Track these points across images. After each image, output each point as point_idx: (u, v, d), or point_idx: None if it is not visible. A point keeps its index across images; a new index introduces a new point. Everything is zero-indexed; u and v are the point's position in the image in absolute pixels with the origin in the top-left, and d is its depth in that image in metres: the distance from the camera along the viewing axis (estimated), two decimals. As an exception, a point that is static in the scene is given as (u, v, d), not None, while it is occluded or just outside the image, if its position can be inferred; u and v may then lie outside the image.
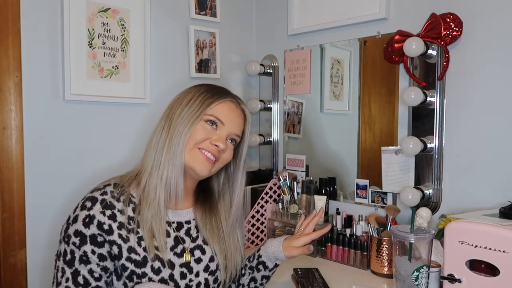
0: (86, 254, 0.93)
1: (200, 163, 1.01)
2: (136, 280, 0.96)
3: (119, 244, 0.95)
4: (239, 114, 1.09)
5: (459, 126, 1.47)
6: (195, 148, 1.01)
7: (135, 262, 0.96)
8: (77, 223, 0.94)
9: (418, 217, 1.42)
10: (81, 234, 0.94)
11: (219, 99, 1.06)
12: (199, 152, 1.01)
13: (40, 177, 1.44)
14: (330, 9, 1.82)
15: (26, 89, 1.40)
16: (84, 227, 0.94)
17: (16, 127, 1.38)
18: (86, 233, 0.93)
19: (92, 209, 0.95)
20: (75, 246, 0.94)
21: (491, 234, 1.01)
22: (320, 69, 1.89)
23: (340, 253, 1.57)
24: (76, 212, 0.96)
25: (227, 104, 1.06)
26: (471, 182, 1.44)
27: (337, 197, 1.82)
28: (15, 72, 1.37)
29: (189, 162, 1.01)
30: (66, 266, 0.94)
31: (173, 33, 1.81)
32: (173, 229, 1.05)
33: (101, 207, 0.96)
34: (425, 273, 1.12)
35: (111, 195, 0.98)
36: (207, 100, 1.04)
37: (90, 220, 0.94)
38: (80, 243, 0.93)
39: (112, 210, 0.96)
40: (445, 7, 1.47)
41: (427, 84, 1.50)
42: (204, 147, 1.02)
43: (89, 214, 0.94)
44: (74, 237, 0.94)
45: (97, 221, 0.94)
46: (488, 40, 1.40)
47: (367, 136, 1.74)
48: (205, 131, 1.03)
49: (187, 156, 1.01)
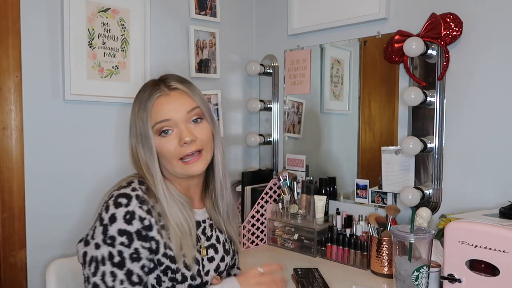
0: (137, 251, 0.91)
1: (188, 169, 1.00)
2: (170, 275, 0.96)
3: (157, 240, 0.94)
4: (176, 96, 1.00)
5: (459, 126, 1.47)
6: (178, 162, 0.99)
7: (170, 257, 0.96)
8: (117, 222, 0.90)
9: (418, 217, 1.42)
10: (126, 232, 0.90)
11: (148, 103, 0.99)
12: (182, 163, 0.99)
13: (40, 177, 1.44)
14: (330, 9, 1.82)
15: (26, 89, 1.40)
16: (127, 224, 0.90)
17: (16, 127, 1.38)
18: (131, 230, 0.90)
19: (130, 205, 0.91)
20: (124, 245, 0.90)
21: (491, 234, 1.01)
22: (320, 69, 1.89)
23: (340, 253, 1.57)
24: (110, 211, 0.91)
25: (158, 101, 0.99)
26: (471, 182, 1.44)
27: (337, 197, 1.82)
28: (15, 72, 1.37)
29: (181, 173, 1.01)
30: (116, 268, 0.90)
31: (173, 33, 1.81)
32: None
33: (138, 202, 0.93)
34: (425, 273, 1.12)
35: (141, 190, 0.95)
36: (142, 114, 0.98)
37: (131, 216, 0.91)
38: (128, 241, 0.90)
39: (147, 206, 0.94)
40: (445, 7, 1.47)
41: (427, 84, 1.50)
42: (182, 155, 0.98)
43: (128, 211, 0.91)
44: (120, 237, 0.90)
45: (138, 216, 0.91)
46: (488, 40, 1.40)
47: (367, 136, 1.74)
48: (166, 143, 0.98)
49: (177, 171, 1.00)
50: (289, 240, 1.73)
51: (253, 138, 2.02)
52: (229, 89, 2.04)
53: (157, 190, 0.97)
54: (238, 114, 2.10)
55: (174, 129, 0.98)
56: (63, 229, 1.48)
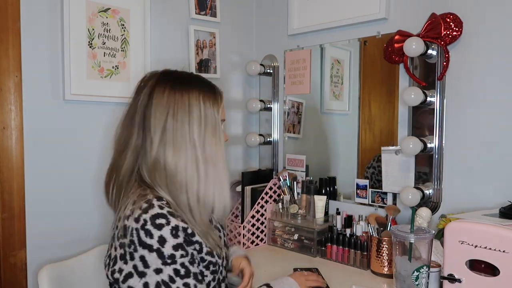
0: (193, 255, 0.96)
1: None
2: (212, 269, 1.02)
3: (200, 242, 0.98)
4: None
5: (459, 126, 1.47)
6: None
7: (211, 254, 1.02)
8: (168, 241, 0.91)
9: (418, 217, 1.42)
10: (180, 245, 0.92)
11: (219, 99, 1.08)
12: None
13: (40, 177, 1.44)
14: (330, 9, 1.82)
15: (26, 89, 1.40)
16: (175, 238, 0.92)
17: (16, 127, 1.38)
18: (181, 241, 0.93)
19: (171, 222, 0.92)
20: (183, 256, 0.92)
21: (491, 234, 1.01)
22: (320, 69, 1.89)
23: (340, 253, 1.57)
24: (155, 235, 0.90)
25: (222, 104, 1.10)
26: (471, 182, 1.44)
27: (337, 197, 1.82)
28: (15, 72, 1.37)
29: None
30: (186, 279, 0.92)
31: (173, 33, 1.81)
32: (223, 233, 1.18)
33: (174, 217, 0.93)
34: (425, 273, 1.12)
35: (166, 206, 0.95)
36: (214, 106, 1.05)
37: (176, 232, 0.92)
38: (185, 252, 0.93)
39: (179, 217, 0.95)
40: (445, 7, 1.47)
41: (427, 84, 1.50)
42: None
43: (172, 227, 0.92)
44: (176, 251, 0.91)
45: (182, 227, 0.94)
46: (488, 40, 1.40)
47: (367, 136, 1.74)
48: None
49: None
50: (289, 240, 1.73)
51: (253, 138, 2.02)
52: (229, 89, 2.04)
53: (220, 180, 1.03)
54: (238, 114, 2.10)
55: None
56: (63, 229, 1.48)
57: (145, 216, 0.90)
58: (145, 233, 0.89)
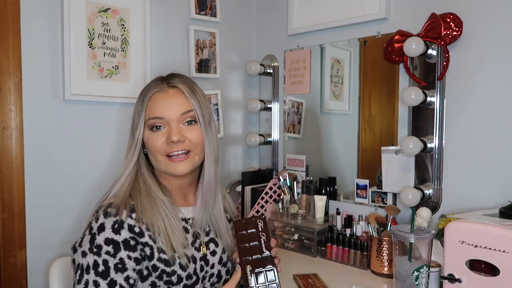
0: (123, 261, 0.92)
1: (172, 166, 1.01)
2: (166, 279, 0.97)
3: (151, 245, 0.96)
4: (172, 95, 1.02)
5: (459, 126, 1.47)
6: (163, 157, 1.02)
7: (164, 261, 0.97)
8: (106, 231, 0.92)
9: (418, 217, 1.42)
10: (113, 242, 0.91)
11: (145, 98, 1.03)
12: (167, 159, 1.01)
13: (40, 177, 1.44)
14: (330, 9, 1.82)
15: (26, 89, 1.40)
16: (115, 233, 0.92)
17: (16, 127, 1.38)
18: (118, 239, 0.92)
19: (118, 215, 0.93)
20: (109, 254, 0.91)
21: (491, 234, 1.01)
22: (320, 69, 1.89)
23: (340, 253, 1.57)
24: (99, 221, 0.93)
25: (155, 97, 1.02)
26: (471, 182, 1.44)
27: (337, 197, 1.82)
28: (15, 72, 1.37)
29: (165, 170, 1.03)
30: (99, 277, 0.90)
31: (173, 33, 1.81)
32: (190, 225, 1.07)
33: (127, 211, 0.94)
34: (425, 273, 1.12)
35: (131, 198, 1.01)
36: (138, 107, 1.03)
37: (119, 226, 0.92)
38: (114, 251, 0.91)
39: (136, 213, 0.96)
40: (445, 7, 1.47)
41: (427, 84, 1.50)
42: (168, 152, 1.01)
43: (117, 220, 0.93)
44: (106, 246, 0.91)
45: (127, 224, 0.93)
46: (488, 40, 1.40)
47: (367, 136, 1.74)
48: (154, 138, 1.01)
49: (161, 167, 1.03)
50: (289, 240, 1.73)
51: (253, 138, 2.02)
52: (229, 89, 2.04)
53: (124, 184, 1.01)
54: (238, 114, 2.10)
55: (166, 127, 1.01)
56: (63, 229, 1.48)
57: (105, 202, 0.97)
58: (95, 218, 0.95)
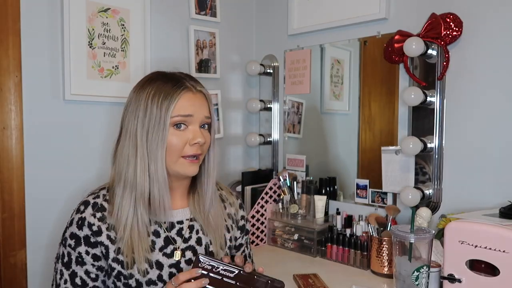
0: (81, 255, 0.97)
1: (187, 168, 1.00)
2: (123, 281, 0.98)
3: (106, 245, 0.98)
4: (200, 98, 1.03)
5: (459, 126, 1.47)
6: (179, 158, 0.99)
7: (121, 263, 0.98)
8: (72, 226, 0.99)
9: (418, 217, 1.42)
10: (75, 236, 0.98)
11: (175, 95, 0.99)
12: (184, 160, 1.00)
13: (40, 177, 1.44)
14: (330, 9, 1.82)
15: (26, 89, 1.39)
16: (78, 229, 0.98)
17: (16, 127, 1.38)
18: (80, 235, 0.98)
19: (84, 212, 0.99)
20: (71, 248, 0.98)
21: (491, 234, 1.01)
22: (320, 69, 1.89)
23: (340, 253, 1.57)
24: (72, 216, 1.01)
25: (186, 96, 1.00)
26: (471, 182, 1.44)
27: (337, 197, 1.82)
28: (15, 72, 1.37)
29: (177, 170, 1.00)
30: (64, 268, 0.98)
31: (173, 33, 1.81)
32: (164, 229, 1.03)
33: (92, 210, 0.99)
34: (425, 273, 1.12)
35: (103, 198, 1.02)
36: (164, 102, 0.98)
37: (82, 222, 0.98)
38: (75, 244, 0.98)
39: (102, 213, 0.99)
40: (445, 7, 1.47)
41: (427, 84, 1.50)
42: (188, 153, 0.99)
43: (81, 217, 0.99)
44: (70, 240, 0.98)
45: (88, 222, 0.98)
46: (488, 40, 1.40)
47: (367, 136, 1.74)
48: (179, 137, 0.98)
49: (173, 167, 0.99)
50: (289, 240, 1.73)
51: (253, 138, 2.02)
52: (229, 89, 2.04)
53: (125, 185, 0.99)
54: (238, 114, 2.10)
55: (188, 127, 1.00)
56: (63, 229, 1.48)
57: (83, 199, 1.03)
58: (73, 211, 1.02)
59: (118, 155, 1.02)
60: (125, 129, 1.01)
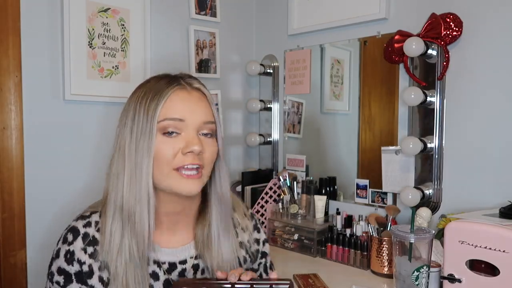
0: None
1: (183, 185, 0.81)
2: None
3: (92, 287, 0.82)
4: (197, 97, 0.85)
5: (459, 126, 1.47)
6: (171, 171, 0.81)
7: None
8: (59, 258, 0.82)
9: (418, 217, 1.42)
10: (64, 272, 0.81)
11: (163, 94, 0.82)
12: (177, 173, 0.81)
13: (40, 177, 1.44)
14: (330, 9, 1.82)
15: (26, 89, 1.39)
16: (67, 264, 0.81)
17: (16, 127, 1.38)
18: (70, 271, 0.81)
19: (72, 244, 0.82)
20: (59, 285, 0.81)
21: (491, 234, 1.01)
22: (320, 69, 1.89)
23: (340, 253, 1.57)
24: (58, 245, 0.85)
25: (176, 95, 0.83)
26: (471, 182, 1.44)
27: (337, 197, 1.82)
28: (15, 72, 1.37)
29: (170, 187, 0.82)
30: None
31: (173, 33, 1.81)
32: (163, 271, 0.87)
33: (83, 243, 0.82)
34: (425, 273, 1.12)
35: (95, 227, 0.84)
36: (150, 104, 0.81)
37: (71, 257, 0.81)
38: (64, 282, 0.81)
39: (94, 247, 0.82)
40: (445, 7, 1.46)
41: (427, 84, 1.50)
42: (180, 165, 0.81)
43: (69, 250, 0.82)
44: (58, 275, 0.81)
45: (77, 258, 0.81)
46: (488, 40, 1.40)
47: (367, 136, 1.74)
48: (169, 144, 0.81)
49: (164, 182, 0.82)
50: (289, 240, 1.73)
51: (253, 138, 2.02)
52: (229, 89, 2.04)
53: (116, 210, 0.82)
54: (238, 114, 2.10)
55: (181, 133, 0.82)
56: (63, 229, 1.48)
57: (72, 223, 0.87)
58: (60, 238, 0.87)
59: (110, 173, 0.86)
60: (117, 142, 0.87)
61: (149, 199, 0.81)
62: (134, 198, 0.81)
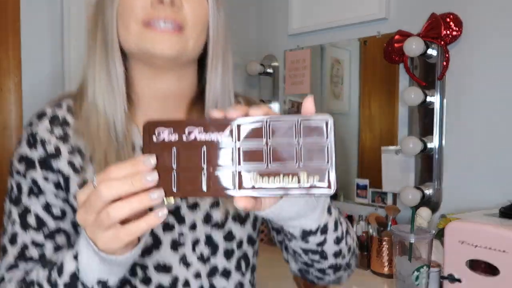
0: (37, 183, 0.66)
1: (152, 40, 0.64)
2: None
3: (67, 176, 0.66)
4: None
5: (459, 126, 1.47)
6: (137, 25, 0.64)
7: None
8: (21, 145, 0.68)
9: (418, 217, 1.42)
10: (26, 159, 0.66)
11: None
12: (147, 30, 0.64)
13: (40, 177, 1.44)
14: (330, 9, 1.82)
15: (26, 89, 1.40)
16: (29, 148, 0.67)
17: (16, 127, 1.38)
18: (33, 156, 0.66)
19: (37, 126, 0.68)
20: (21, 175, 0.67)
21: (491, 234, 1.01)
22: (320, 69, 1.89)
23: (340, 253, 1.57)
24: (23, 131, 0.71)
25: None
26: (471, 182, 1.44)
27: (337, 197, 1.82)
28: (15, 72, 1.37)
29: (142, 47, 0.65)
30: (12, 205, 0.67)
31: (173, 33, 1.80)
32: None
33: (50, 124, 0.68)
34: (425, 273, 1.12)
35: (67, 109, 0.70)
36: None
37: (33, 138, 0.67)
38: (26, 169, 0.66)
39: (64, 128, 0.68)
40: (445, 7, 1.46)
41: (427, 84, 1.49)
42: (151, 18, 0.63)
43: (32, 132, 0.68)
44: (19, 164, 0.67)
45: (41, 140, 0.67)
46: (488, 40, 1.40)
47: (367, 136, 1.74)
48: None
49: (131, 41, 0.65)
50: (289, 240, 1.73)
51: (253, 138, 2.01)
52: (229, 89, 2.04)
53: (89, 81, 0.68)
54: (238, 114, 2.10)
55: None
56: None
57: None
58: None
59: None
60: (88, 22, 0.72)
61: (116, 62, 0.67)
62: (103, 65, 0.68)
